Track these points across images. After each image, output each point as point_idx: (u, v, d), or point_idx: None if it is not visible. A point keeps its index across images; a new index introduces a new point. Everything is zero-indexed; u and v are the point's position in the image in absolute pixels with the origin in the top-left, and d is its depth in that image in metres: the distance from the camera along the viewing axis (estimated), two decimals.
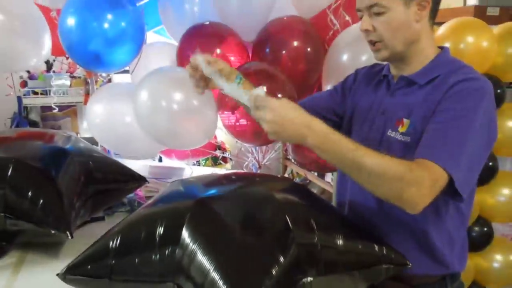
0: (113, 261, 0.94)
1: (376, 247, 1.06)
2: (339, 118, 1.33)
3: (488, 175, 1.97)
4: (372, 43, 1.13)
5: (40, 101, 2.85)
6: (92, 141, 2.16)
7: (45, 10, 2.04)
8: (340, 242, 1.01)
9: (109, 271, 0.94)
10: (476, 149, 1.02)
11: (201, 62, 1.15)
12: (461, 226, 1.16)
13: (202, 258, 0.86)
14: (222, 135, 2.61)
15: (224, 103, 1.88)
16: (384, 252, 1.06)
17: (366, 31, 1.11)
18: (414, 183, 0.94)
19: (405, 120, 1.11)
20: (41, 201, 1.35)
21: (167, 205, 1.04)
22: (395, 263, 1.07)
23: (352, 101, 1.32)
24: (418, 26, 1.10)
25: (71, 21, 1.77)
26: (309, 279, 0.93)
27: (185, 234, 0.92)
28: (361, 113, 1.28)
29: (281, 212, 0.98)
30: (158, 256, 0.92)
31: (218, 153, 2.56)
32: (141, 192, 1.99)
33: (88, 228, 1.66)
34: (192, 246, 0.89)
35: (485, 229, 2.06)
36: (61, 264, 1.36)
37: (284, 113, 0.96)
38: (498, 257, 2.09)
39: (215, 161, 2.89)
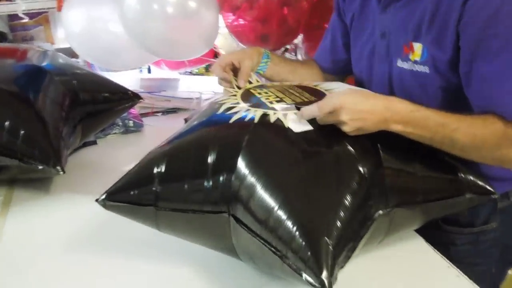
0: (159, 188, 0.82)
1: (461, 175, 0.90)
2: None
3: None
4: None
5: (5, 8, 2.48)
6: (70, 52, 1.88)
7: None
8: (419, 169, 0.86)
9: (154, 198, 0.82)
10: None
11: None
12: None
13: (264, 192, 0.73)
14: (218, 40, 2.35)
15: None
16: (470, 179, 0.90)
17: None
18: None
19: (414, 45, 0.90)
20: (22, 131, 1.14)
21: (219, 127, 0.89)
22: (480, 192, 0.92)
23: (348, 25, 1.10)
24: None
25: None
26: (385, 210, 0.80)
27: (242, 162, 0.77)
28: (357, 39, 1.07)
29: (350, 139, 0.82)
30: (210, 183, 0.79)
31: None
32: (134, 110, 1.77)
33: (80, 155, 1.49)
34: (252, 177, 0.76)
35: None
36: (53, 199, 1.21)
37: (360, 107, 0.78)
38: None
39: (207, 68, 2.69)
